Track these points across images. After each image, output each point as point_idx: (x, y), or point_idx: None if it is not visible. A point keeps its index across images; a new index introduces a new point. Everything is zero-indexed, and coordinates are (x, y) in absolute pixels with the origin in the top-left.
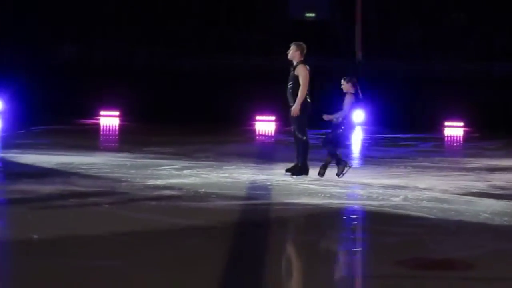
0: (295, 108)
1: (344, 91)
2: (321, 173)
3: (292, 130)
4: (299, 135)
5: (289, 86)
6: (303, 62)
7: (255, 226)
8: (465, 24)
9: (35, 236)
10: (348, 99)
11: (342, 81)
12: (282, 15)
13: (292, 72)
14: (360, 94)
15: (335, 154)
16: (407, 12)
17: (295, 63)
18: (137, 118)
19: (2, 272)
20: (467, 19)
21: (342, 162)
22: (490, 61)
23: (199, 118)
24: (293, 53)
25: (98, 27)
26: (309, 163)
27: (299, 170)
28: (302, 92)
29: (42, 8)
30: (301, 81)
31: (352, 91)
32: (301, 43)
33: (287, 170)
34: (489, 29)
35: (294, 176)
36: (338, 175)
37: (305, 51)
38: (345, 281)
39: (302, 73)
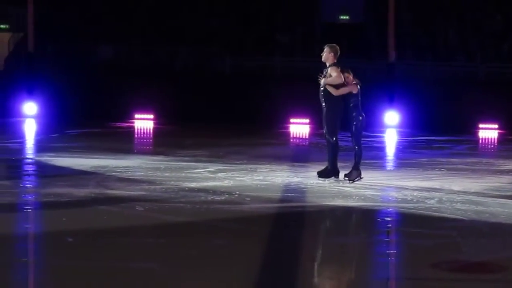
0: (326, 81)
1: (348, 83)
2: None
3: (324, 132)
4: (328, 137)
5: (321, 88)
6: (336, 64)
7: (290, 228)
8: (502, 26)
9: (69, 239)
10: (350, 87)
11: (346, 74)
12: (316, 17)
13: (325, 74)
14: (359, 82)
15: (360, 156)
16: (443, 14)
17: (328, 65)
18: (171, 121)
19: (38, 273)
20: (504, 21)
21: (359, 169)
22: None
23: (234, 120)
24: (326, 55)
25: (135, 28)
26: (341, 165)
27: (328, 172)
28: (332, 80)
29: (80, 8)
30: (333, 76)
31: (355, 82)
32: (335, 45)
33: (319, 173)
34: None
35: (321, 178)
36: (350, 180)
37: (338, 53)
38: (380, 284)
39: (334, 72)
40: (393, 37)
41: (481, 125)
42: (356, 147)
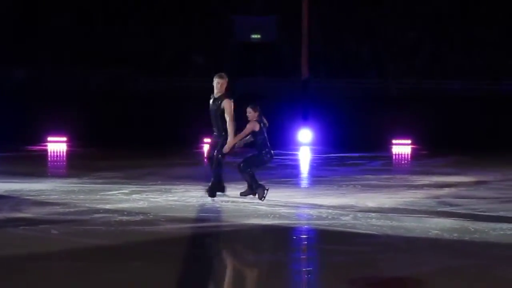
0: (228, 146)
1: (249, 119)
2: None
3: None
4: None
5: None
6: (229, 96)
7: (205, 248)
8: (416, 42)
9: None
10: (250, 125)
11: (249, 109)
12: (229, 37)
13: (218, 104)
14: (265, 121)
15: (253, 177)
16: (356, 31)
17: (219, 96)
18: (85, 143)
19: None
20: (418, 37)
21: (260, 186)
22: (439, 79)
23: (149, 141)
24: (222, 86)
25: (48, 50)
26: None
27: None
28: (229, 124)
29: None
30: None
31: (257, 119)
32: (223, 73)
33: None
34: (440, 48)
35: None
36: (261, 198)
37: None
38: None
39: (227, 104)
40: (307, 54)
41: (394, 141)
42: (250, 170)
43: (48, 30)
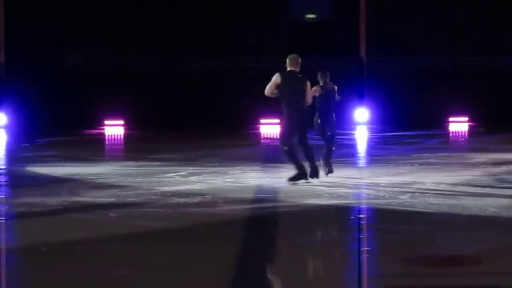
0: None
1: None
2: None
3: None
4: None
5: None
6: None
7: (264, 228)
8: (470, 19)
9: (43, 248)
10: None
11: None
12: (283, 16)
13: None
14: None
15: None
16: (409, 9)
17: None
18: (142, 126)
19: (13, 284)
20: (473, 14)
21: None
22: (495, 55)
23: (204, 123)
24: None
25: (101, 34)
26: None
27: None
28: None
29: (46, 15)
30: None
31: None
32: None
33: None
34: (495, 24)
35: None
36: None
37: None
38: (355, 280)
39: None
40: (364, 32)
41: (451, 119)
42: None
43: (100, 13)
